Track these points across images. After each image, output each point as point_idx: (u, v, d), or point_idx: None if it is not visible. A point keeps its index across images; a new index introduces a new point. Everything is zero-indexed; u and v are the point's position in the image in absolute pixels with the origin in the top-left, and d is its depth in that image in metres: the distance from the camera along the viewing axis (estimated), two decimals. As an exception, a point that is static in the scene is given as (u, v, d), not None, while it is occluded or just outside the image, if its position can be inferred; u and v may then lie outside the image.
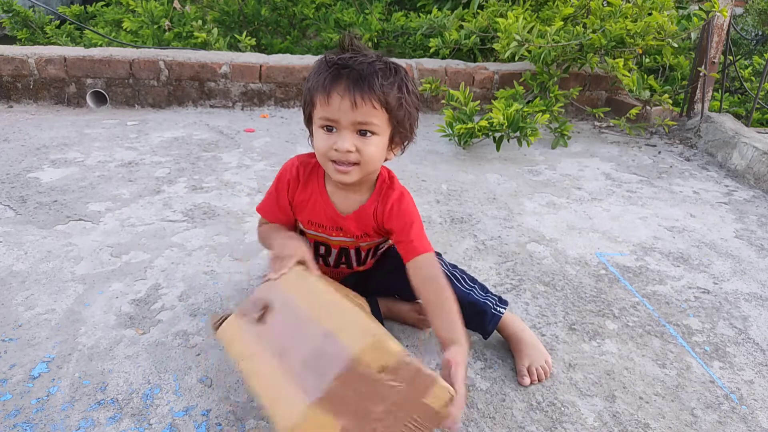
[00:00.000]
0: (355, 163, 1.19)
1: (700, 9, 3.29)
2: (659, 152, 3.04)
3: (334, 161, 1.19)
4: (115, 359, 1.41)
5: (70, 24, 4.59)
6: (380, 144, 1.19)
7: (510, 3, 3.61)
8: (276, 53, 3.78)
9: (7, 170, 2.45)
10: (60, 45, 4.05)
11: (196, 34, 3.67)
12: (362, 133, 1.16)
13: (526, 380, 1.38)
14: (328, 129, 1.18)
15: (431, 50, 3.61)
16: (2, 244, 1.89)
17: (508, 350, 1.51)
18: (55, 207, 2.15)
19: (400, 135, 1.23)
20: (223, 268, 1.81)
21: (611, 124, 3.30)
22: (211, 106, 3.34)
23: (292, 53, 3.91)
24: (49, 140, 2.80)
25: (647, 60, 3.60)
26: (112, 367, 1.39)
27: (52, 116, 3.17)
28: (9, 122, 3.05)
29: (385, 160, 1.26)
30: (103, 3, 4.91)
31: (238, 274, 1.76)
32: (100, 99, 3.33)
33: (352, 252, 1.44)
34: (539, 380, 1.39)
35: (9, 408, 1.27)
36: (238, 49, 3.84)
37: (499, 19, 3.00)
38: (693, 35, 3.54)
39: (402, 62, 3.48)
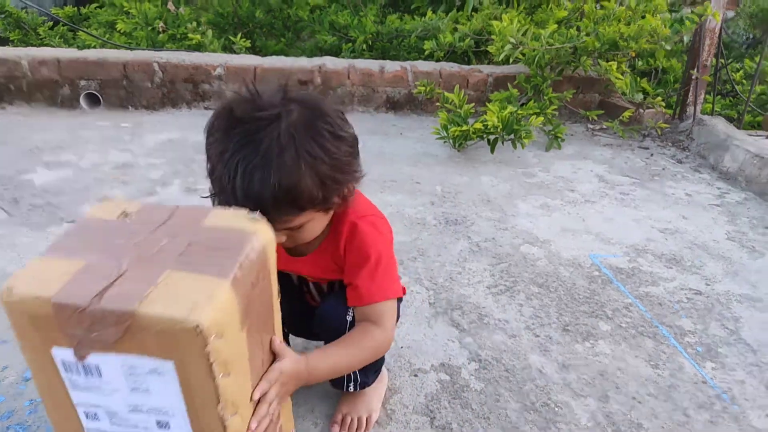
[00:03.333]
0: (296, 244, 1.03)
1: (692, 13, 3.32)
2: (652, 155, 3.06)
3: None
4: (109, 361, 1.41)
5: (63, 25, 4.58)
6: (315, 225, 0.99)
7: (504, 6, 3.63)
8: (270, 55, 3.78)
9: (1, 172, 2.44)
10: (53, 46, 4.03)
11: (190, 36, 3.67)
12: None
13: (336, 428, 1.23)
14: None
15: (426, 53, 3.62)
16: (-5, 246, 1.89)
17: (504, 351, 1.51)
18: (48, 209, 2.14)
19: (338, 198, 0.98)
20: (218, 270, 1.80)
21: (604, 127, 3.32)
22: (205, 108, 3.33)
23: (286, 55, 3.91)
24: (42, 142, 2.79)
25: (640, 63, 3.63)
26: (106, 368, 1.38)
27: (46, 118, 3.16)
28: (2, 124, 3.03)
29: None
30: (96, 5, 4.89)
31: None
32: (93, 101, 3.32)
33: (311, 285, 1.25)
34: None
35: (2, 410, 1.26)
36: (232, 51, 3.84)
37: (494, 22, 3.01)
38: (686, 38, 3.57)
39: (396, 65, 3.49)
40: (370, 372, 1.21)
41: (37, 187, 2.31)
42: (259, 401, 0.83)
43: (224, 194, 0.90)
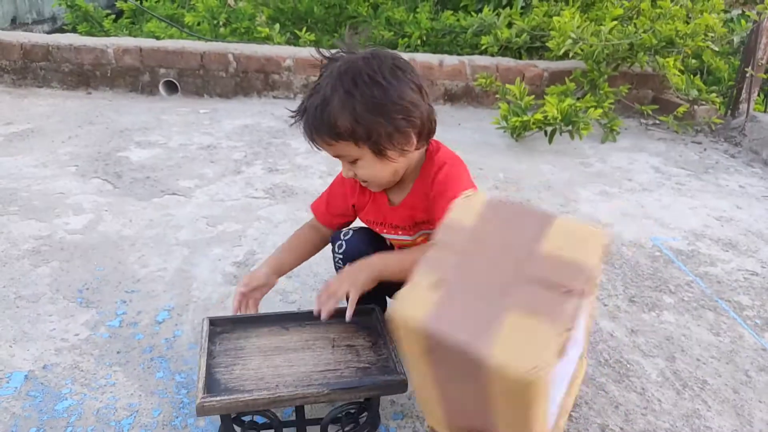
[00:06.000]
0: (365, 181, 1.22)
1: (745, 13, 3.39)
2: (705, 149, 3.16)
3: None
4: (228, 310, 1.60)
5: (125, 18, 4.89)
6: (370, 164, 1.15)
7: (561, 3, 3.74)
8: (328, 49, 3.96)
9: (98, 149, 2.68)
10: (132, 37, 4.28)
11: (259, 29, 3.87)
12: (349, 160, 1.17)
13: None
14: None
15: (482, 47, 3.76)
16: (108, 213, 2.11)
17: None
18: (148, 182, 2.36)
19: (388, 144, 1.12)
20: (308, 239, 1.99)
21: (657, 122, 3.42)
22: (273, 97, 3.54)
23: (345, 49, 4.09)
24: (130, 124, 3.03)
25: (694, 61, 3.70)
26: (226, 316, 1.58)
27: (128, 102, 3.41)
28: (90, 107, 3.29)
29: (408, 155, 1.18)
30: (155, -1, 5.12)
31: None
32: (170, 88, 3.56)
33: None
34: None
35: (144, 345, 1.46)
36: (295, 45, 4.04)
37: (555, 18, 3.14)
38: (736, 39, 3.63)
39: (455, 59, 3.64)
40: None
41: (134, 164, 2.54)
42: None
43: (298, 113, 1.16)
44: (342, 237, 1.38)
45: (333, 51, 1.17)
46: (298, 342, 1.24)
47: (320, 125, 1.11)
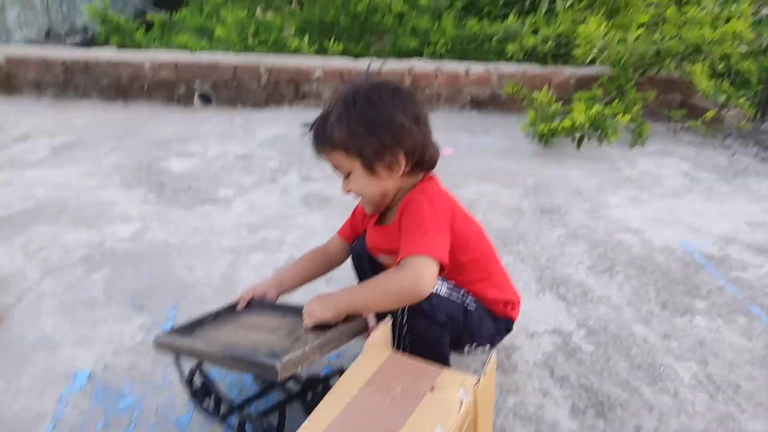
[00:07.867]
0: (358, 196, 1.32)
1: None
2: (734, 153, 3.16)
3: None
4: (272, 314, 1.68)
5: (156, 30, 5.05)
6: (360, 178, 1.25)
7: (589, 10, 3.77)
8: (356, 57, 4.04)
9: (140, 160, 2.79)
10: (167, 50, 4.41)
11: (289, 41, 3.97)
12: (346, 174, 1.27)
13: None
14: None
15: (508, 55, 3.81)
16: (155, 222, 2.21)
17: (609, 321, 1.70)
18: (190, 192, 2.46)
19: (377, 161, 1.22)
20: (345, 246, 2.06)
21: (685, 126, 3.43)
22: (304, 107, 3.63)
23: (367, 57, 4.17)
24: (168, 135, 3.14)
25: (721, 66, 3.69)
26: (272, 320, 1.65)
27: (165, 114, 3.53)
28: (129, 119, 3.41)
29: (400, 179, 1.26)
30: (185, 11, 5.25)
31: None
32: (204, 99, 3.67)
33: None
34: None
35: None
36: (323, 53, 4.13)
37: (581, 26, 3.17)
38: (766, 41, 3.63)
39: (481, 66, 3.69)
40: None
41: (175, 173, 2.64)
42: None
43: (308, 127, 1.29)
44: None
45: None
46: (273, 325, 1.28)
47: (319, 135, 1.25)
